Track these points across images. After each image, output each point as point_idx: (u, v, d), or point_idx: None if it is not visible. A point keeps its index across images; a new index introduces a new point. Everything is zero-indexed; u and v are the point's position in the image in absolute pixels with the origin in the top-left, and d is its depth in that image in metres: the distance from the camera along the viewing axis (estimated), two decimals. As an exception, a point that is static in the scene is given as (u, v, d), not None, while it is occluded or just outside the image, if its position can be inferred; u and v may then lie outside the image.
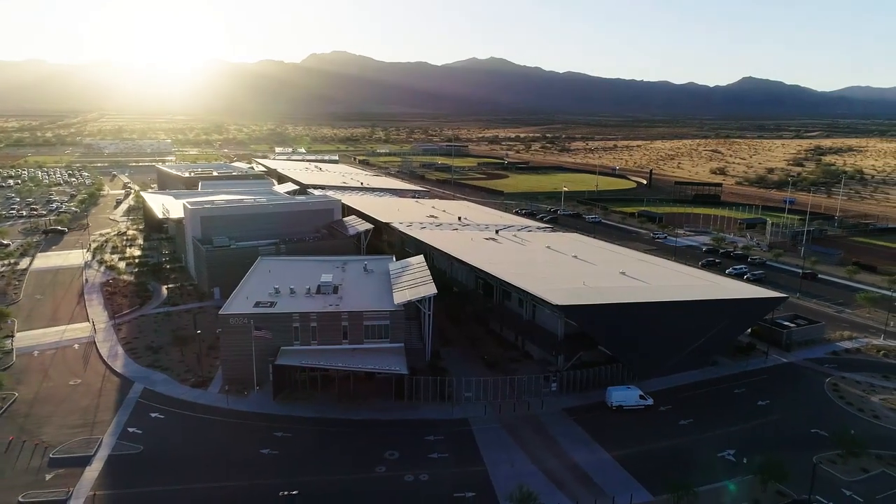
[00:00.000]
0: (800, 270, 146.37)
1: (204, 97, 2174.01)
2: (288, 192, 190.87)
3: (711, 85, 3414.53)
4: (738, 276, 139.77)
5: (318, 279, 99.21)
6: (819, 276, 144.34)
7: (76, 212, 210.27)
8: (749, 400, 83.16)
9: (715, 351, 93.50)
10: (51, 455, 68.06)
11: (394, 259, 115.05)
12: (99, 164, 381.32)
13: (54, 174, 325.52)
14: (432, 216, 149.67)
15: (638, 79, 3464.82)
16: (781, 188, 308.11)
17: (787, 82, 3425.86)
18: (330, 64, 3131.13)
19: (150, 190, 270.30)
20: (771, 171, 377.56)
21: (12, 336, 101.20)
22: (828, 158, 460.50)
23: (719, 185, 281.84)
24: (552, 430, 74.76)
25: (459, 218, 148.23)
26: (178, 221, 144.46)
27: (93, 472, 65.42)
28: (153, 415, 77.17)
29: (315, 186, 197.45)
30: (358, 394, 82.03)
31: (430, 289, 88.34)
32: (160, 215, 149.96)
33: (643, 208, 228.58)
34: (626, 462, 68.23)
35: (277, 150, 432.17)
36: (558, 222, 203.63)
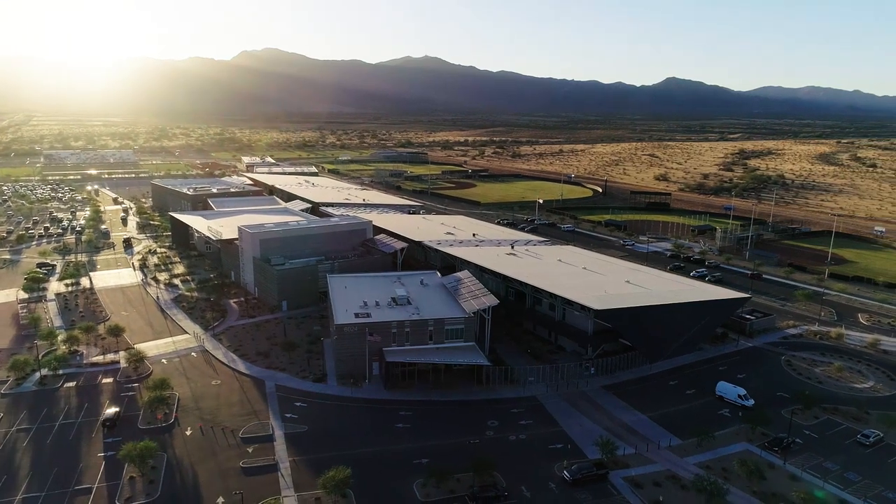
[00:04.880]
0: (748, 272, 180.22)
1: (131, 96, 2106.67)
2: (302, 210, 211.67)
3: (638, 84, 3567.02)
4: (701, 278, 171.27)
5: (390, 292, 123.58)
6: (763, 276, 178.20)
7: (107, 230, 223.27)
8: (731, 374, 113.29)
9: (701, 339, 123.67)
10: (240, 435, 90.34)
11: (438, 273, 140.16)
12: (73, 177, 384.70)
13: (34, 189, 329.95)
14: (449, 233, 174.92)
15: (569, 78, 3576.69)
16: (718, 194, 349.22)
17: (708, 82, 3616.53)
18: (262, 62, 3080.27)
19: (144, 203, 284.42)
20: (706, 176, 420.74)
21: (131, 348, 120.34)
22: (752, 162, 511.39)
23: (668, 193, 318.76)
24: (599, 401, 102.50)
25: (474, 234, 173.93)
26: (229, 242, 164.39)
27: (280, 445, 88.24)
28: (297, 404, 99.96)
29: (325, 204, 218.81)
30: (446, 382, 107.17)
31: (493, 300, 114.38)
32: (213, 237, 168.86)
33: (609, 217, 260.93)
34: (658, 420, 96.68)
35: (245, 159, 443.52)
36: (538, 232, 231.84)
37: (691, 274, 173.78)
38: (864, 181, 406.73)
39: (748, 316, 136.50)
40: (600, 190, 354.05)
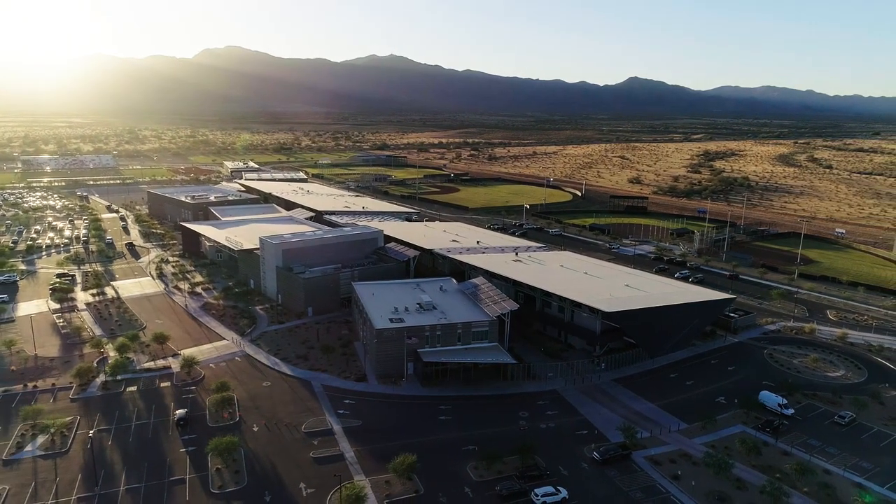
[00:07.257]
0: (726, 273, 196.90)
1: (89, 95, 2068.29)
2: (305, 218, 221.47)
3: (602, 84, 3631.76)
4: (684, 279, 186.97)
5: (415, 298, 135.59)
6: (740, 277, 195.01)
7: (111, 241, 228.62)
8: (722, 366, 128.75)
9: (693, 336, 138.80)
10: (303, 430, 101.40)
11: (453, 280, 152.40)
12: (57, 184, 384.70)
13: (23, 197, 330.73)
14: (454, 240, 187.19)
15: (534, 77, 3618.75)
16: (690, 196, 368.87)
17: (669, 82, 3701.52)
18: (224, 60, 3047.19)
19: (140, 210, 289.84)
20: (676, 179, 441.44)
21: (178, 354, 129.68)
22: (717, 164, 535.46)
23: (646, 197, 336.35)
24: (612, 393, 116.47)
25: (478, 242, 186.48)
26: (249, 251, 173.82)
27: (341, 438, 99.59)
28: (346, 401, 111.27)
29: (327, 213, 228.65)
30: (475, 379, 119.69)
31: (513, 304, 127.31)
32: (233, 247, 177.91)
33: (593, 221, 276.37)
34: (665, 407, 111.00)
35: (228, 164, 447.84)
36: (527, 236, 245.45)
37: (675, 276, 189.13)
38: (822, 182, 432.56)
39: (732, 314, 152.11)
40: (579, 194, 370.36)
